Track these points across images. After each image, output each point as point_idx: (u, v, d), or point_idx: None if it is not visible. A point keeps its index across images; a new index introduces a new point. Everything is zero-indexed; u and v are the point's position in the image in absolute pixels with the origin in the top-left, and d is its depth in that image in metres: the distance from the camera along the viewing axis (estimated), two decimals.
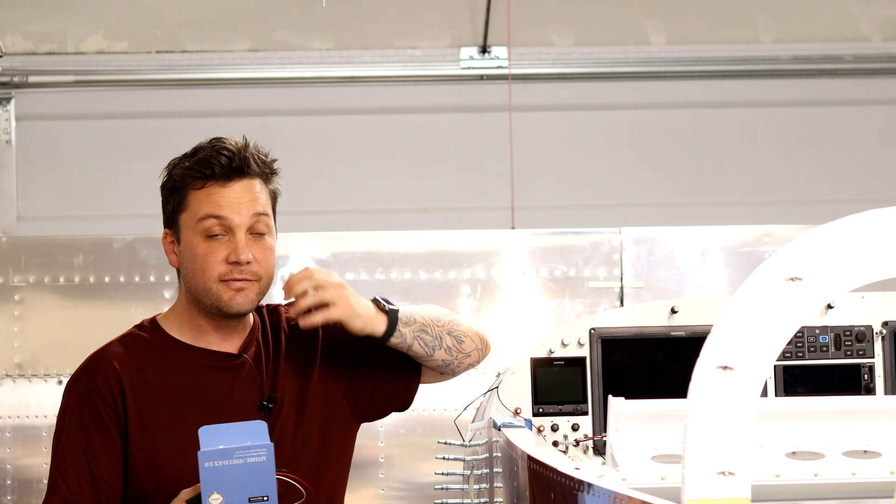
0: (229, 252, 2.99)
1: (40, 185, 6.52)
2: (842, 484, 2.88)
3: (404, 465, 5.43)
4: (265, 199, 3.05)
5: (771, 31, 6.63)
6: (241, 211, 3.01)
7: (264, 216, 3.04)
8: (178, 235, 3.06)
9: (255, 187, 3.04)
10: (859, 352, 3.46)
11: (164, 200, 3.11)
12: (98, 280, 5.52)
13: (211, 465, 2.67)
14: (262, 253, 3.03)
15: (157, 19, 6.51)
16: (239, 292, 3.01)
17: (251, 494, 2.70)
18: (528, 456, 2.64)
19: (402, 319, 3.04)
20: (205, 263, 3.00)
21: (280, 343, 3.14)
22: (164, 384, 3.02)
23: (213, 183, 3.02)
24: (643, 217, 6.38)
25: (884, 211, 1.97)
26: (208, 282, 3.01)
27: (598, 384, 3.40)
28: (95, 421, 3.00)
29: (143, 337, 3.10)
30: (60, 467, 3.00)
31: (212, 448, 2.67)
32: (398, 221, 6.44)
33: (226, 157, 3.02)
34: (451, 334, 3.13)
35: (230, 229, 3.00)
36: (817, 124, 6.72)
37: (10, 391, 5.49)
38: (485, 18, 6.48)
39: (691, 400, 1.93)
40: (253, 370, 3.08)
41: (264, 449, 2.68)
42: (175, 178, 3.06)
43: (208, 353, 3.07)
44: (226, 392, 3.04)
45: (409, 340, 3.06)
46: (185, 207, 3.04)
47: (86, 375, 3.05)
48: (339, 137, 6.63)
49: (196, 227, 3.01)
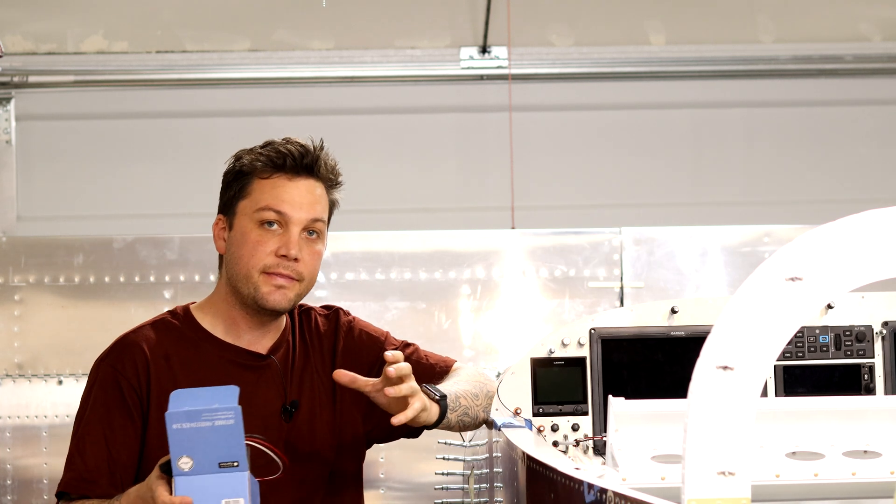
0: (280, 245, 3.01)
1: (40, 185, 6.52)
2: (842, 484, 2.88)
3: (404, 465, 5.43)
4: (324, 204, 3.09)
5: (771, 31, 6.63)
6: (302, 209, 3.03)
7: (320, 221, 3.07)
8: (231, 221, 3.07)
9: (317, 190, 3.07)
10: (859, 352, 3.46)
11: (225, 186, 3.11)
12: (98, 280, 5.52)
13: (179, 426, 2.63)
14: (310, 255, 3.04)
15: (157, 19, 6.51)
16: (279, 289, 3.02)
17: (221, 459, 2.66)
18: (528, 456, 2.64)
19: (451, 406, 3.05)
20: (254, 250, 3.01)
21: (307, 348, 3.15)
22: (188, 374, 3.02)
23: (280, 175, 3.04)
24: (643, 217, 6.38)
25: (884, 211, 1.97)
26: (252, 269, 3.01)
27: (598, 384, 3.40)
28: (118, 402, 3.01)
29: (174, 324, 3.10)
30: (80, 445, 3.01)
31: (178, 409, 2.63)
32: (398, 221, 6.44)
33: (299, 151, 3.05)
34: (486, 410, 3.19)
35: (286, 223, 3.02)
36: (817, 124, 6.72)
37: (10, 391, 5.49)
38: (485, 18, 6.48)
39: (691, 400, 1.93)
40: (279, 372, 3.08)
41: (232, 412, 2.64)
42: (243, 163, 3.07)
43: (236, 350, 3.07)
44: (249, 391, 3.03)
45: (452, 423, 3.09)
46: (247, 194, 3.05)
47: (113, 356, 3.06)
48: (339, 137, 6.61)
49: (254, 215, 3.03)
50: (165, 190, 6.43)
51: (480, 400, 3.16)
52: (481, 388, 3.19)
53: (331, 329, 3.19)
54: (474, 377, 3.21)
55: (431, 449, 3.75)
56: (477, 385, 3.18)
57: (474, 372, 3.25)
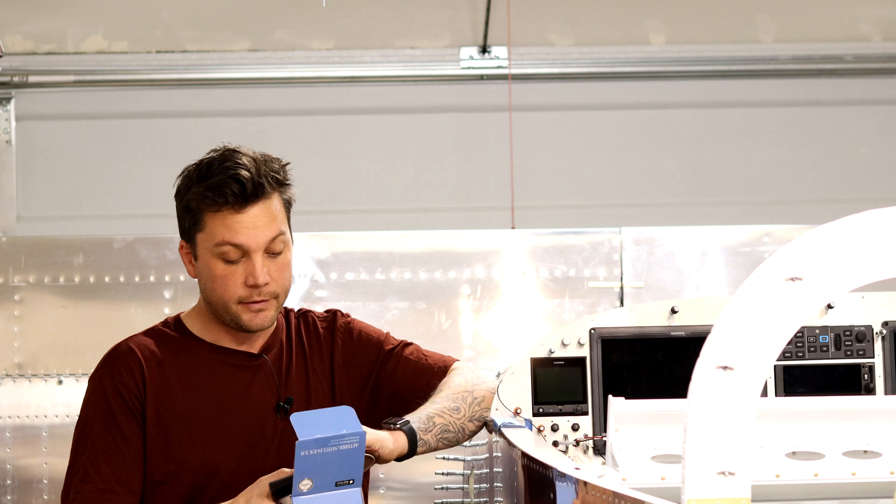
0: (247, 275, 3.00)
1: (40, 185, 6.52)
2: (842, 484, 2.88)
3: (404, 465, 5.41)
4: (281, 216, 3.05)
5: (771, 31, 6.63)
6: (258, 236, 3.00)
7: (280, 236, 3.03)
8: (195, 251, 3.06)
9: (271, 207, 3.02)
10: (859, 352, 3.46)
11: (179, 214, 3.09)
12: (98, 280, 5.51)
13: (307, 453, 2.66)
14: (278, 271, 3.04)
15: (157, 19, 6.50)
16: (258, 313, 3.04)
17: (339, 479, 2.71)
18: (528, 456, 2.64)
19: (421, 429, 3.03)
20: (224, 285, 3.01)
21: (304, 347, 3.16)
22: (183, 379, 3.04)
23: (227, 208, 3.00)
24: (643, 217, 6.38)
25: (884, 211, 1.97)
26: (228, 302, 3.03)
27: (598, 384, 3.40)
28: (123, 410, 3.02)
29: (165, 332, 3.13)
30: (93, 457, 3.00)
31: (309, 437, 2.65)
32: (398, 221, 6.44)
33: (239, 183, 2.98)
34: (473, 419, 3.17)
35: (247, 252, 3.01)
36: (817, 124, 6.71)
37: (10, 391, 5.48)
38: (485, 18, 6.48)
39: (691, 400, 1.93)
40: (272, 371, 3.10)
41: (357, 437, 2.69)
42: (189, 199, 3.04)
43: (228, 352, 3.10)
44: (243, 391, 3.06)
45: (433, 444, 3.08)
46: (201, 228, 3.03)
47: (108, 366, 3.07)
48: (339, 137, 6.63)
49: (213, 250, 3.01)
50: (165, 190, 6.37)
51: (464, 411, 3.14)
52: (464, 399, 3.15)
53: (329, 330, 3.21)
54: (459, 385, 3.19)
55: None
56: (458, 397, 3.15)
57: (463, 379, 3.22)
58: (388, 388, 3.19)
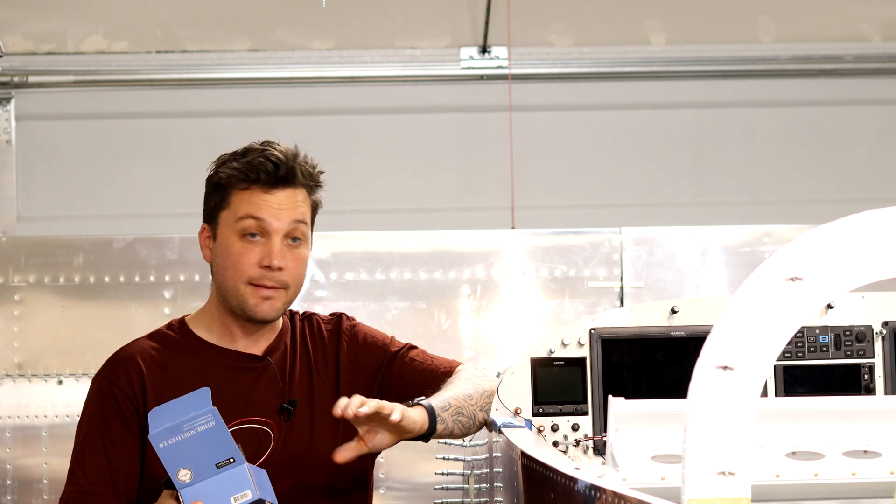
0: (263, 255, 3.02)
1: (40, 185, 6.52)
2: (842, 484, 2.88)
3: (404, 465, 5.43)
4: (306, 209, 3.09)
5: (771, 31, 6.63)
6: (281, 216, 3.04)
7: (302, 224, 3.07)
8: (215, 231, 3.09)
9: (297, 196, 3.07)
10: (859, 352, 3.46)
11: (207, 195, 3.13)
12: (98, 280, 5.51)
13: (165, 444, 2.69)
14: (294, 262, 3.06)
15: (157, 19, 6.51)
16: (266, 300, 3.05)
17: (216, 460, 2.71)
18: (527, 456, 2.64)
19: (439, 407, 3.05)
20: (237, 263, 3.03)
21: (308, 350, 3.16)
22: (186, 382, 3.04)
23: (257, 187, 3.05)
24: (643, 217, 6.38)
25: (884, 211, 1.97)
26: (238, 282, 3.04)
27: (598, 384, 3.40)
28: (115, 414, 3.04)
29: (170, 335, 3.14)
30: (79, 458, 3.04)
31: (159, 429, 2.69)
32: (398, 221, 6.44)
33: (273, 164, 3.05)
34: (484, 409, 3.19)
35: (267, 232, 3.03)
36: (817, 124, 6.72)
37: (10, 391, 5.49)
38: (485, 18, 6.48)
39: (691, 400, 1.93)
40: (276, 373, 3.10)
41: (209, 414, 2.70)
42: (221, 176, 3.08)
43: (232, 354, 3.10)
44: (247, 393, 3.07)
45: (450, 425, 3.08)
46: (226, 205, 3.07)
47: (107, 370, 3.10)
48: (339, 137, 6.63)
49: (234, 225, 3.04)
50: (165, 190, 6.43)
51: (476, 399, 3.16)
52: (476, 388, 3.18)
53: (334, 333, 3.22)
54: (468, 379, 3.21)
55: (431, 449, 3.75)
56: (471, 385, 3.18)
57: (470, 375, 3.25)
58: (394, 390, 3.19)
